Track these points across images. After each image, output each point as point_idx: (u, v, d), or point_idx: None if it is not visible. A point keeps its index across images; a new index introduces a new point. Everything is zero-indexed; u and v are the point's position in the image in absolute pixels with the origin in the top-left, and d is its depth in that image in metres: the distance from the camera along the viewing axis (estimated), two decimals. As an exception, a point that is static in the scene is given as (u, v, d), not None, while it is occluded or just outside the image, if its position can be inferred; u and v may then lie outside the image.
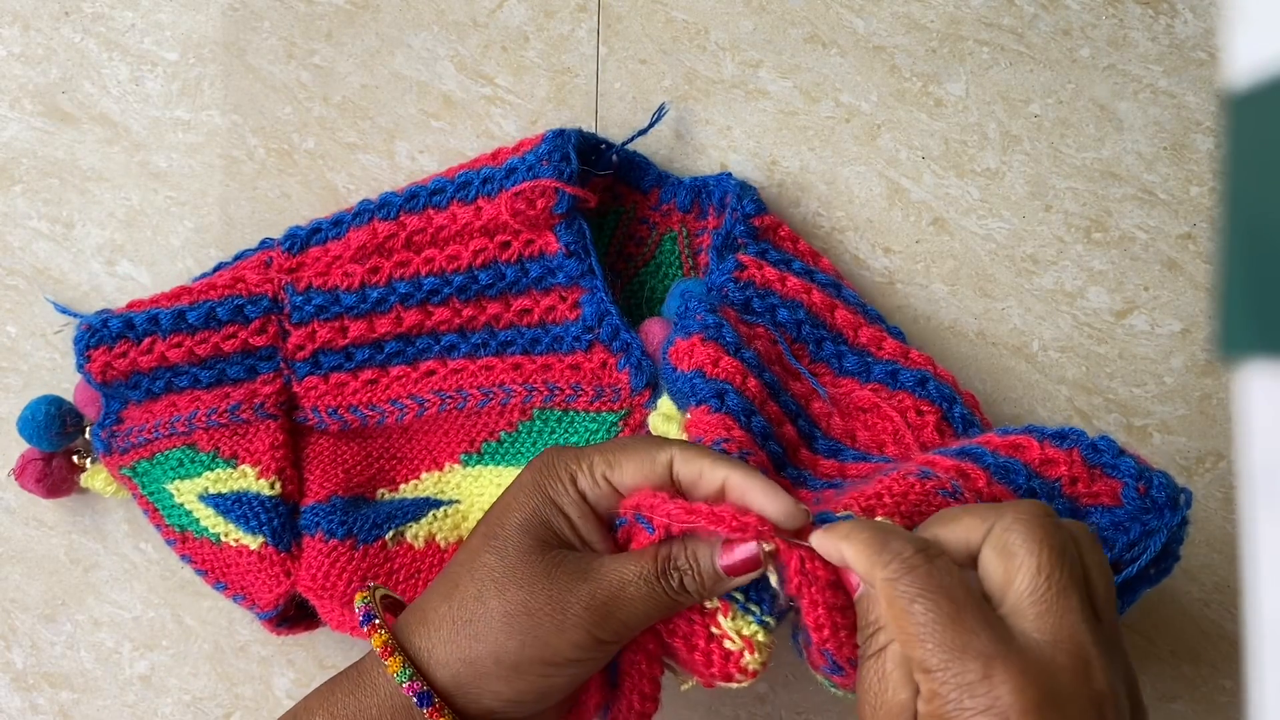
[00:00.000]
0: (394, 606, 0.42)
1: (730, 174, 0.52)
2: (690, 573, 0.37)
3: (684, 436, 0.44)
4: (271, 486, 0.49)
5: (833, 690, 0.39)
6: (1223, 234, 0.20)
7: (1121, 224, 0.52)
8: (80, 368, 0.50)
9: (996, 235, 0.53)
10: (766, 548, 0.36)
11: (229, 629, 0.55)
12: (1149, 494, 0.39)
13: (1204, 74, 0.52)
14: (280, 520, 0.49)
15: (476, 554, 0.38)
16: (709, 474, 0.37)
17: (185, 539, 0.50)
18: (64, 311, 0.54)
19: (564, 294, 0.49)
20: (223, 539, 0.49)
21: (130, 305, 0.51)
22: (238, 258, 0.53)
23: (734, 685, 0.38)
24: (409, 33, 0.54)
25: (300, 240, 0.51)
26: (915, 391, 0.46)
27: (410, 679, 0.36)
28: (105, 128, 0.55)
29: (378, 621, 0.38)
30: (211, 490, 0.49)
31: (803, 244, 0.51)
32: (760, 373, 0.45)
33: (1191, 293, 0.52)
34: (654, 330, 0.49)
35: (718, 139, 0.53)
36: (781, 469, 0.45)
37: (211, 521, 0.50)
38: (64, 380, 0.54)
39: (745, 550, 0.36)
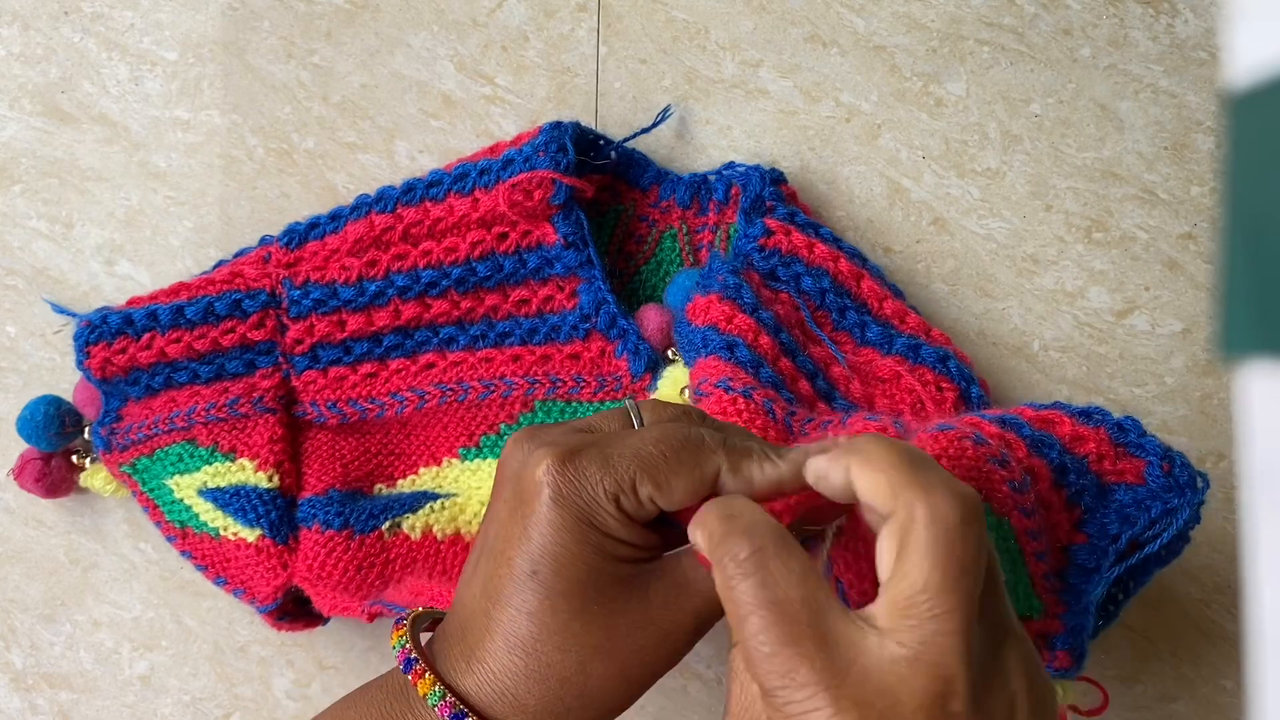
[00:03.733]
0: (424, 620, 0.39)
1: (735, 162, 0.52)
2: None
3: (689, 394, 0.45)
4: (270, 480, 0.49)
5: None
6: (1223, 234, 0.20)
7: (1122, 224, 0.52)
8: (80, 364, 0.50)
9: (997, 235, 0.53)
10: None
11: (229, 629, 0.55)
12: (1172, 473, 0.39)
13: (1204, 74, 0.52)
14: (278, 513, 0.49)
15: (550, 619, 0.33)
16: (760, 481, 0.34)
17: (185, 535, 0.50)
18: (62, 311, 0.54)
19: (561, 284, 0.49)
20: (222, 533, 0.50)
21: (130, 302, 0.51)
22: (237, 255, 0.53)
23: None
24: (409, 32, 0.54)
25: (298, 235, 0.51)
26: (936, 368, 0.46)
27: None
28: (105, 127, 0.55)
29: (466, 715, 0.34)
30: (210, 484, 0.50)
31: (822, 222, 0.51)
32: (776, 333, 0.46)
33: (1192, 293, 0.52)
34: (650, 316, 0.49)
35: (718, 139, 0.53)
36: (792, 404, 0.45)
37: (210, 516, 0.50)
38: (63, 380, 0.54)
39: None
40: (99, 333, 0.49)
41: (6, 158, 0.55)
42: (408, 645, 0.36)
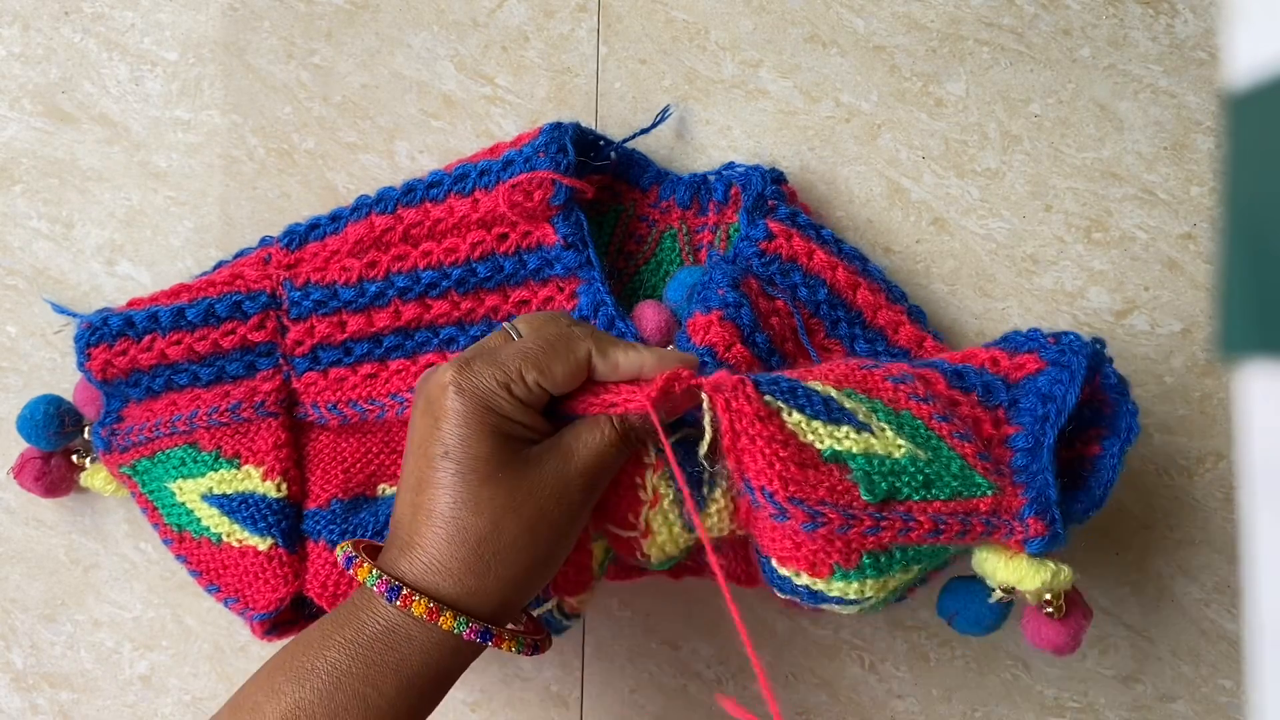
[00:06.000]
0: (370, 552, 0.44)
1: (735, 162, 0.52)
2: (646, 423, 0.42)
3: None
4: (278, 489, 0.49)
5: (783, 583, 0.41)
6: (1223, 234, 0.20)
7: (1122, 224, 0.52)
8: (81, 366, 0.50)
9: (996, 235, 0.53)
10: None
11: (229, 629, 0.55)
12: (1060, 342, 0.43)
13: (1204, 74, 0.52)
14: (288, 522, 0.49)
15: (463, 489, 0.40)
16: (624, 363, 0.42)
17: (183, 538, 0.50)
18: (62, 312, 0.54)
19: (561, 284, 0.49)
20: (224, 539, 0.49)
21: (130, 304, 0.51)
22: (238, 256, 0.53)
23: (629, 534, 0.44)
24: (409, 33, 0.54)
25: (299, 236, 0.51)
26: None
27: (467, 626, 0.39)
28: (105, 128, 0.55)
29: (408, 591, 0.39)
30: (216, 491, 0.49)
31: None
32: (769, 357, 0.47)
33: (1191, 293, 0.52)
34: (648, 315, 0.49)
35: (718, 139, 0.53)
36: None
37: (214, 521, 0.49)
38: (64, 380, 0.54)
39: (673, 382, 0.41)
40: (100, 334, 0.49)
41: (7, 158, 0.55)
42: (349, 550, 0.42)
